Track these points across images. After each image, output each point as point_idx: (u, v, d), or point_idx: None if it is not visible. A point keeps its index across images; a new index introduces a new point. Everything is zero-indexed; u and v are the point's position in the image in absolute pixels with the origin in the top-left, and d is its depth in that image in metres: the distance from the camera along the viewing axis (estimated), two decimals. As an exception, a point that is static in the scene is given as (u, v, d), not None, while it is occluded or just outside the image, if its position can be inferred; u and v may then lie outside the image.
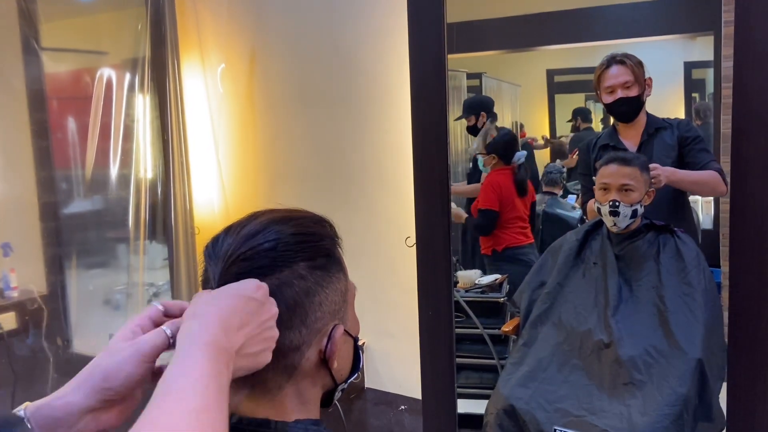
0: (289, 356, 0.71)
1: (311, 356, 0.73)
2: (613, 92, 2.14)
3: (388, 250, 2.30)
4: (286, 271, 0.70)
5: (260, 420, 0.71)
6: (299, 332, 0.71)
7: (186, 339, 0.60)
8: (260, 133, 2.65)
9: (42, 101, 2.96)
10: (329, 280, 0.73)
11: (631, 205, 1.87)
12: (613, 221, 1.90)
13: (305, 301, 0.71)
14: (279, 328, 0.69)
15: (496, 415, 1.85)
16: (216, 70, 2.69)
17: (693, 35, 3.87)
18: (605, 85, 2.16)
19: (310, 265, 0.72)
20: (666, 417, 1.64)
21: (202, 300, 0.65)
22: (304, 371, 0.73)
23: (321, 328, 0.73)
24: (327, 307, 0.73)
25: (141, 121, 2.74)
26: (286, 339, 0.70)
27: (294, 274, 0.70)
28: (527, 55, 4.03)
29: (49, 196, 3.01)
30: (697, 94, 4.29)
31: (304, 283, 0.70)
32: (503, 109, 4.28)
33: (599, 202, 1.92)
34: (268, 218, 0.74)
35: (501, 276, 2.62)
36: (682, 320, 1.78)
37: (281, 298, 0.69)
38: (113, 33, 2.86)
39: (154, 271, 2.91)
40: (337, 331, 0.74)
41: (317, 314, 0.72)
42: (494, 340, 2.46)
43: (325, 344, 0.73)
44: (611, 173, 1.89)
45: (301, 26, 2.48)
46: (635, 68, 2.13)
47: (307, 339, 0.72)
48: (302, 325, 0.71)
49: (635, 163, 1.88)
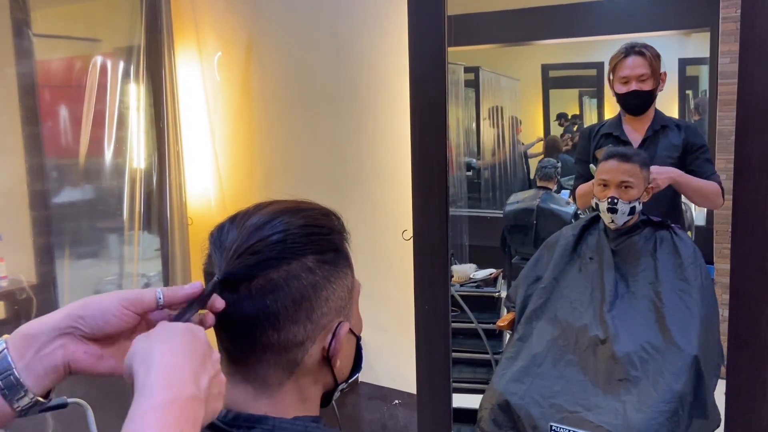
0: (292, 352, 0.70)
1: (314, 353, 0.71)
2: (627, 83, 2.08)
3: (384, 243, 2.29)
4: (294, 263, 0.68)
5: (258, 416, 0.70)
6: (304, 327, 0.69)
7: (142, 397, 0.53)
8: (257, 122, 2.63)
9: (33, 88, 2.91)
10: (337, 275, 0.71)
11: (629, 201, 1.86)
12: (611, 218, 1.89)
13: (312, 295, 0.69)
14: (284, 322, 0.67)
15: (491, 410, 1.84)
16: (212, 58, 2.66)
17: (688, 31, 3.87)
18: (621, 75, 2.09)
19: (319, 258, 0.69)
20: (661, 413, 1.65)
21: (150, 343, 0.58)
22: (306, 368, 0.71)
23: (326, 324, 0.71)
24: (333, 303, 0.71)
25: (135, 110, 2.71)
26: (290, 334, 0.68)
27: (302, 266, 0.68)
28: (523, 50, 4.03)
29: (40, 185, 2.97)
30: (691, 91, 4.30)
31: (312, 276, 0.69)
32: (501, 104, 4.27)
33: (597, 198, 1.92)
34: (275, 209, 0.71)
35: (496, 271, 2.62)
36: (678, 316, 1.78)
37: (288, 291, 0.67)
38: (107, 20, 2.82)
39: (146, 262, 2.88)
40: (343, 328, 0.72)
41: (323, 310, 0.70)
42: (488, 335, 2.47)
43: (329, 341, 0.71)
44: (611, 169, 1.88)
45: (299, 15, 2.46)
46: (653, 61, 2.08)
47: (312, 335, 0.70)
48: (307, 320, 0.69)
49: (635, 159, 1.88)
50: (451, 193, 2.01)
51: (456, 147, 3.47)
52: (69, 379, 0.67)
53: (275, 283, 0.67)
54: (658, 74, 2.10)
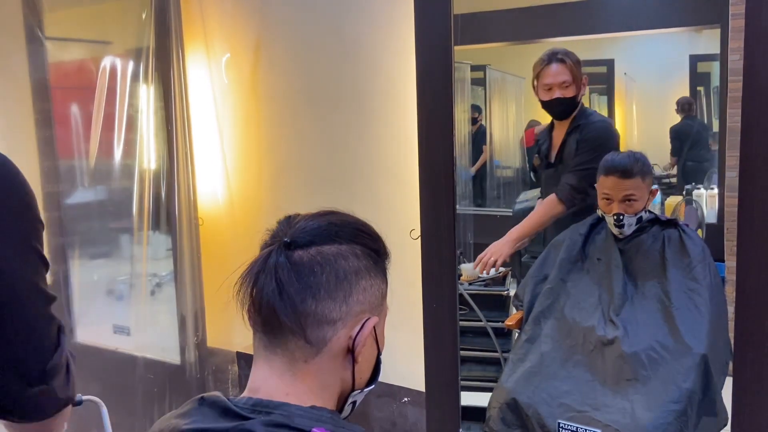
0: (324, 328, 0.75)
1: (342, 338, 0.76)
2: (551, 90, 2.16)
3: (392, 242, 2.29)
4: (345, 246, 0.77)
5: (277, 402, 0.73)
6: (339, 307, 0.75)
7: None
8: (265, 123, 2.64)
9: (46, 91, 2.95)
10: (377, 274, 0.80)
11: (635, 214, 1.87)
12: (619, 231, 1.90)
13: (353, 278, 0.76)
14: (324, 294, 0.74)
15: (499, 408, 1.85)
16: (220, 60, 2.67)
17: (699, 28, 3.85)
18: (544, 82, 2.18)
19: (366, 251, 0.79)
20: (670, 413, 1.64)
21: None
22: (331, 351, 0.76)
23: (358, 312, 0.77)
24: (368, 296, 0.78)
25: (145, 111, 2.73)
26: (326, 308, 0.74)
27: (351, 251, 0.77)
28: (531, 48, 4.01)
29: (53, 186, 3.00)
30: (702, 87, 4.27)
31: (357, 261, 0.77)
32: (507, 102, 4.27)
33: (603, 212, 1.92)
34: (333, 214, 0.82)
35: (504, 269, 2.61)
36: (687, 316, 1.77)
37: (334, 267, 0.75)
38: (117, 22, 2.84)
39: (157, 262, 2.91)
40: (370, 322, 0.78)
41: (359, 297, 0.77)
42: (497, 333, 2.47)
43: (356, 332, 0.76)
44: (613, 186, 1.86)
45: (307, 16, 2.47)
46: (574, 68, 2.16)
47: (344, 317, 0.76)
48: (344, 301, 0.75)
49: (635, 173, 1.85)
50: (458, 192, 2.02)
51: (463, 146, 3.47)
52: (83, 377, 0.68)
53: (326, 255, 0.75)
54: (580, 80, 2.17)
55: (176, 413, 0.77)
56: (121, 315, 2.98)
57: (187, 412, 0.76)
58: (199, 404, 0.76)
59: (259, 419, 0.71)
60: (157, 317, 2.87)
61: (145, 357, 2.81)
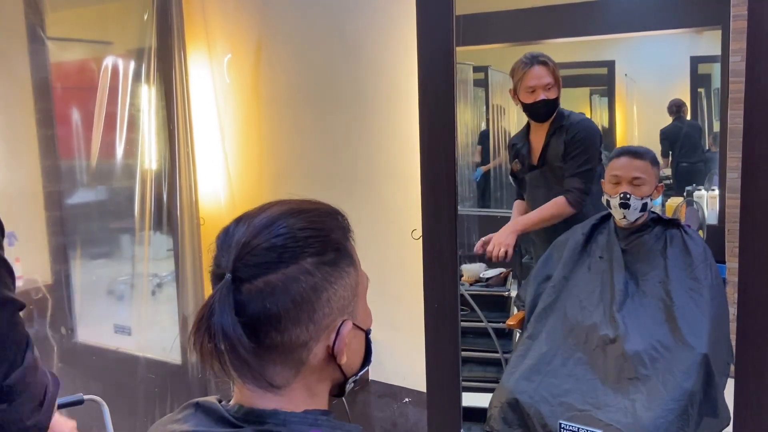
0: (296, 352, 0.71)
1: (319, 352, 0.73)
2: (534, 92, 2.18)
3: (394, 242, 2.30)
4: (292, 266, 0.69)
5: (269, 411, 0.72)
6: (306, 328, 0.70)
7: None
8: (266, 124, 2.65)
9: (47, 90, 2.95)
10: (338, 275, 0.73)
11: (641, 198, 1.87)
12: (623, 213, 1.90)
13: (312, 297, 0.70)
14: (285, 323, 0.69)
15: (500, 408, 1.85)
16: (222, 60, 2.68)
17: (700, 29, 3.84)
18: (528, 85, 2.19)
19: (318, 260, 0.71)
20: (671, 412, 1.64)
21: None
22: (311, 367, 0.73)
23: (329, 324, 0.72)
24: (335, 303, 0.72)
25: (146, 111, 2.74)
26: (292, 335, 0.70)
27: (301, 269, 0.69)
28: (532, 49, 4.00)
29: (54, 186, 3.01)
30: (703, 89, 4.27)
31: (311, 279, 0.70)
32: (509, 104, 4.27)
33: (609, 195, 1.92)
34: (278, 210, 0.73)
35: (505, 270, 2.62)
36: (688, 315, 1.77)
37: (287, 294, 0.68)
38: (119, 22, 2.85)
39: (158, 262, 2.91)
40: (345, 327, 0.73)
41: (325, 310, 0.71)
42: (498, 334, 2.47)
43: (333, 340, 0.73)
44: (622, 166, 1.89)
45: (308, 17, 2.47)
46: (555, 69, 2.20)
47: (315, 335, 0.71)
48: (309, 321, 0.70)
49: (646, 157, 1.89)
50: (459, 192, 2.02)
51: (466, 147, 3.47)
52: (84, 377, 0.69)
53: (274, 286, 0.68)
54: (560, 82, 2.21)
55: (172, 418, 0.76)
56: (122, 315, 2.98)
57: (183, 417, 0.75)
58: (195, 410, 0.75)
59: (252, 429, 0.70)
60: (158, 317, 2.88)
61: (146, 357, 2.81)
